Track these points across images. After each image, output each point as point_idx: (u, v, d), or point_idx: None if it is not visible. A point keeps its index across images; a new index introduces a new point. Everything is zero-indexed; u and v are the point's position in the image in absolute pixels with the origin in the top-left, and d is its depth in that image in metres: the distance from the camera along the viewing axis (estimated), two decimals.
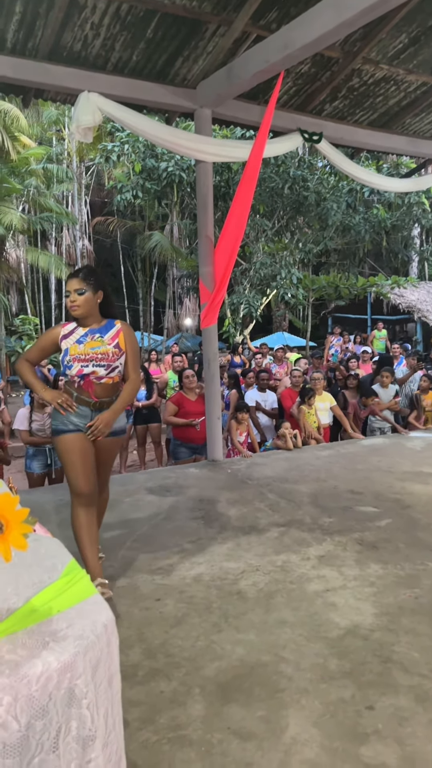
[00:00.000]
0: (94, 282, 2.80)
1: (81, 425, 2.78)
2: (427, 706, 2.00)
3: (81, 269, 2.88)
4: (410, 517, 3.87)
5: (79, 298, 2.76)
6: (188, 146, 4.91)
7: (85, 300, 2.77)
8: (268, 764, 1.74)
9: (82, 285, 2.76)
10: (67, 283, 2.82)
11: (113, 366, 2.81)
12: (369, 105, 6.06)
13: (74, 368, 2.77)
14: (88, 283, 2.77)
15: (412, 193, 13.46)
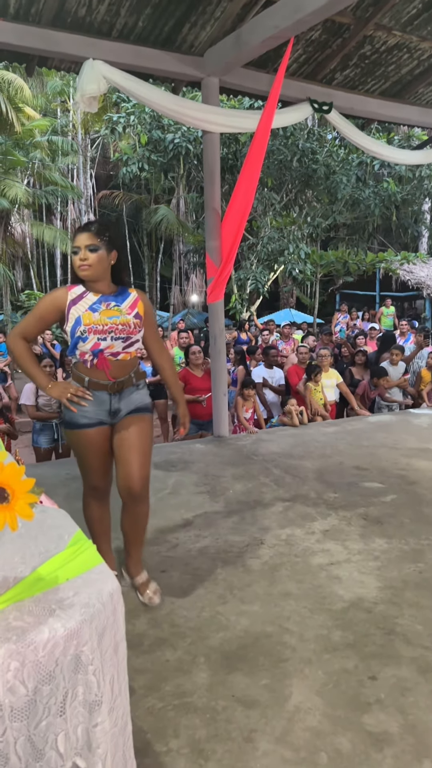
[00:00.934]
0: (109, 239, 2.35)
1: (99, 415, 2.40)
2: (429, 677, 2.03)
3: (93, 222, 2.43)
4: (415, 493, 3.88)
5: (91, 256, 2.30)
6: (195, 116, 4.81)
7: (98, 259, 2.31)
8: (271, 731, 1.77)
9: (95, 241, 2.31)
10: (76, 237, 2.37)
11: (133, 340, 2.39)
12: (381, 74, 5.89)
13: (89, 342, 2.31)
14: (101, 239, 2.32)
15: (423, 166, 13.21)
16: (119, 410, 2.43)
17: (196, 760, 1.66)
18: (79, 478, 2.67)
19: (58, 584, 1.10)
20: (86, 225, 2.38)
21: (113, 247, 2.38)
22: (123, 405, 2.43)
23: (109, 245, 2.35)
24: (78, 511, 2.80)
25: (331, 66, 5.57)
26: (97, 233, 2.32)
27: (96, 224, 2.39)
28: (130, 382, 2.43)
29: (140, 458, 2.41)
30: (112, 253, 2.38)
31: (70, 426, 2.44)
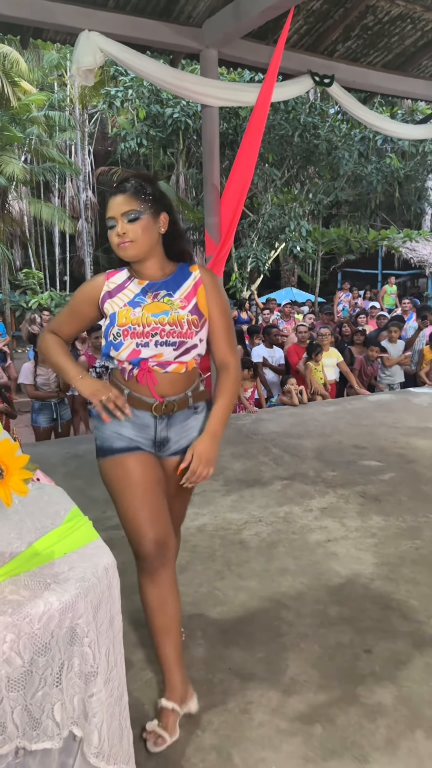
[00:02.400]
0: (154, 198, 1.66)
1: (139, 440, 1.72)
2: (423, 651, 2.06)
3: (128, 179, 1.69)
4: (414, 471, 3.90)
5: (131, 228, 1.63)
6: (193, 89, 4.72)
7: (143, 230, 1.64)
8: (267, 703, 1.80)
9: (135, 205, 1.63)
10: (109, 204, 1.67)
11: (188, 345, 1.69)
12: (384, 45, 5.77)
13: (125, 348, 1.67)
14: (143, 201, 1.64)
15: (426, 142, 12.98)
16: (167, 440, 1.74)
17: (193, 730, 1.70)
18: (80, 456, 2.67)
19: (54, 559, 1.11)
20: (119, 184, 1.69)
21: (161, 208, 1.69)
22: (173, 434, 1.74)
23: (156, 206, 1.67)
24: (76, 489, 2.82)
25: (333, 37, 5.45)
26: (136, 193, 1.64)
27: (132, 181, 1.67)
28: (185, 403, 1.73)
29: (183, 510, 1.91)
30: (161, 216, 1.69)
31: (102, 452, 1.73)
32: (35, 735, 0.95)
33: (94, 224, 20.34)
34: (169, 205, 1.74)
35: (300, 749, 1.63)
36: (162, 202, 1.71)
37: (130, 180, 1.69)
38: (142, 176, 1.72)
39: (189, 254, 1.82)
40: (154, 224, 1.68)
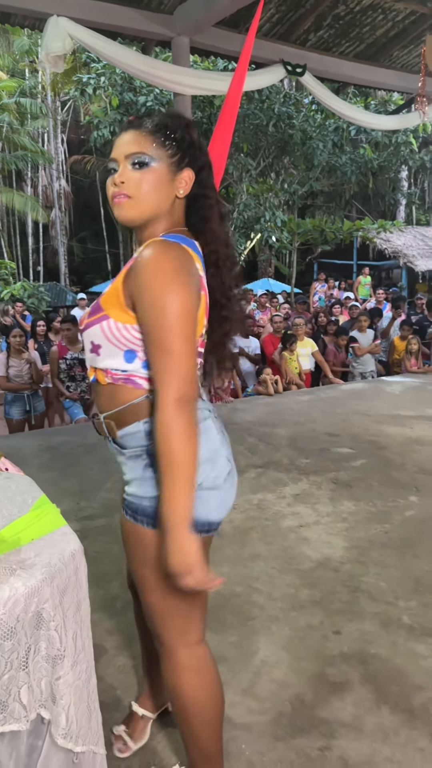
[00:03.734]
0: (179, 146, 1.21)
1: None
2: (390, 630, 2.12)
3: (149, 115, 1.25)
4: (384, 458, 3.97)
5: (133, 177, 1.19)
6: (165, 77, 4.69)
7: (150, 182, 1.19)
8: (238, 684, 1.84)
9: (148, 145, 1.19)
10: (115, 144, 1.23)
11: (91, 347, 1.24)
12: (355, 35, 5.80)
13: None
14: (160, 145, 1.19)
15: (399, 133, 13.11)
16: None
17: (164, 711, 1.72)
18: (54, 448, 2.65)
19: (20, 546, 1.12)
20: (136, 119, 1.25)
21: (186, 161, 1.22)
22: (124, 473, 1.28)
23: (178, 156, 1.20)
24: (49, 481, 2.81)
25: (305, 27, 5.46)
26: (154, 132, 1.20)
27: (156, 118, 1.23)
28: (111, 430, 1.24)
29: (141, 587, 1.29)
30: (183, 172, 1.21)
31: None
32: (2, 718, 0.96)
33: (68, 214, 20.09)
34: (200, 162, 1.23)
35: (270, 728, 1.67)
36: (190, 153, 1.22)
37: (153, 117, 1.24)
38: (172, 115, 1.25)
39: (217, 231, 1.26)
40: (169, 180, 1.20)
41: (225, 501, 1.24)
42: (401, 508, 3.14)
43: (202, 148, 1.27)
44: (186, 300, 1.11)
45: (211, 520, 1.22)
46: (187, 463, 1.09)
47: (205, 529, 1.21)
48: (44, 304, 13.01)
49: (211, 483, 1.20)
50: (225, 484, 1.23)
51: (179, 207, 1.26)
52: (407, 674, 1.89)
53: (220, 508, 1.23)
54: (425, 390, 6.11)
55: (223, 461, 1.24)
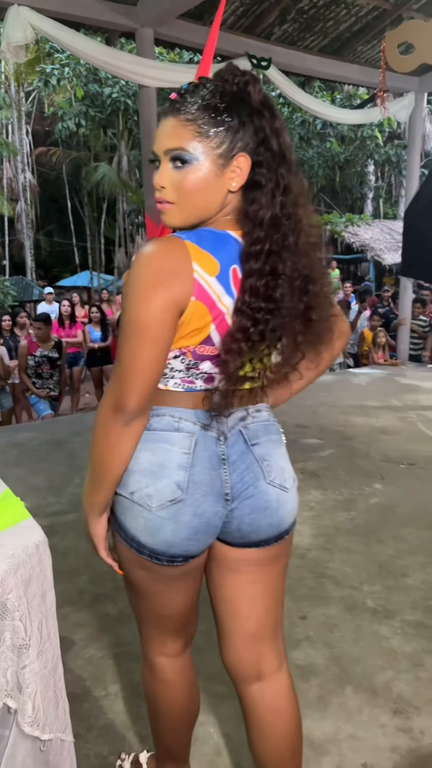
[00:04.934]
0: (229, 128, 0.99)
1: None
2: (354, 614, 2.18)
3: (200, 85, 1.01)
4: (351, 447, 4.05)
5: (176, 179, 1.02)
6: (129, 69, 4.66)
7: (195, 183, 1.01)
8: (206, 670, 1.86)
9: (190, 137, 0.99)
10: (157, 130, 1.05)
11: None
12: (319, 29, 5.85)
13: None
14: (204, 136, 0.99)
15: (365, 127, 13.27)
16: None
17: (134, 700, 1.75)
18: (21, 445, 2.64)
19: None
20: (179, 97, 1.02)
21: (237, 146, 1.00)
22: None
23: (225, 142, 1.00)
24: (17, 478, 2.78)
25: (269, 20, 5.48)
26: (196, 118, 0.99)
27: (198, 94, 1.00)
28: None
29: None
30: (234, 161, 1.01)
31: None
32: None
33: (34, 206, 19.75)
34: (259, 137, 1.01)
35: (236, 711, 1.70)
36: (244, 132, 1.00)
37: (202, 86, 1.01)
38: (221, 85, 1.00)
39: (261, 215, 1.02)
40: (216, 175, 1.01)
41: (157, 531, 1.07)
42: (366, 496, 3.22)
43: (263, 115, 1.01)
44: (142, 309, 0.97)
45: (139, 540, 1.09)
46: (100, 464, 1.08)
47: (135, 547, 1.10)
48: (10, 299, 12.79)
49: (141, 498, 1.07)
50: (161, 512, 1.06)
51: (233, 199, 1.05)
52: (370, 655, 1.95)
53: (150, 534, 1.08)
54: (391, 381, 6.24)
55: (169, 485, 1.06)
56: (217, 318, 1.03)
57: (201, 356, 1.06)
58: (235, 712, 1.70)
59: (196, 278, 1.00)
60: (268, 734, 1.21)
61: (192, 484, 1.07)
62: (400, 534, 2.79)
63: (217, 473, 1.09)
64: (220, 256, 1.02)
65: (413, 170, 7.17)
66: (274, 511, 1.13)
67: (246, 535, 1.14)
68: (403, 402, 5.31)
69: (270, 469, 1.14)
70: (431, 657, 1.94)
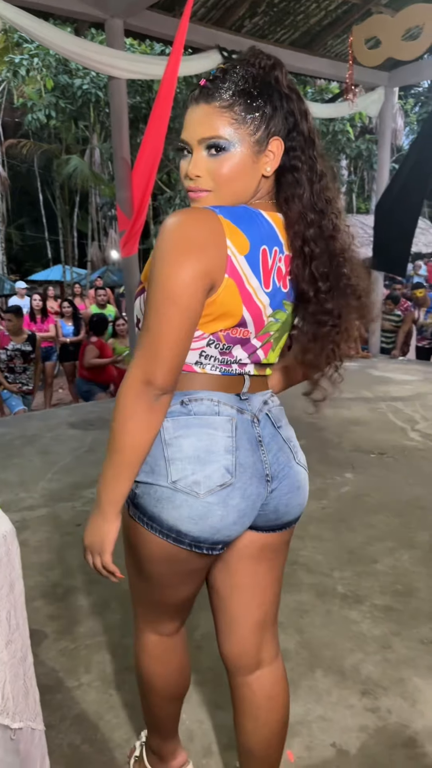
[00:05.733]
0: (263, 115, 1.00)
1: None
2: (325, 599, 2.22)
3: (229, 69, 1.00)
4: (323, 438, 4.11)
5: (212, 166, 1.01)
6: (99, 60, 4.61)
7: (232, 170, 1.01)
8: None
9: (226, 125, 0.99)
10: (186, 117, 1.04)
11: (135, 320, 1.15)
12: (290, 23, 5.87)
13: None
14: (241, 122, 0.99)
15: (337, 121, 13.35)
16: None
17: (106, 690, 1.76)
18: None
19: None
20: (209, 82, 1.00)
21: (271, 130, 1.01)
22: None
23: (261, 127, 1.00)
24: None
25: (240, 12, 5.48)
26: (232, 105, 0.99)
27: (230, 80, 0.99)
28: None
29: None
30: (269, 146, 1.02)
31: None
32: None
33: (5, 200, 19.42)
34: (291, 121, 1.03)
35: (210, 697, 1.74)
36: (278, 116, 1.01)
37: (231, 71, 1.00)
38: (252, 70, 1.00)
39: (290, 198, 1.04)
40: (253, 161, 1.01)
41: (205, 517, 1.03)
42: (337, 485, 3.28)
43: (291, 99, 1.02)
44: (175, 276, 0.93)
45: (180, 529, 1.04)
46: (128, 449, 0.99)
47: (172, 537, 1.04)
48: None
49: (187, 486, 1.02)
50: (210, 497, 1.02)
51: (266, 184, 1.06)
52: (340, 639, 1.99)
53: (194, 522, 1.03)
54: (362, 373, 6.33)
55: (218, 470, 1.03)
56: (246, 299, 1.01)
57: (234, 340, 1.05)
58: (206, 699, 1.73)
59: (230, 255, 0.97)
60: (263, 722, 1.21)
61: (239, 467, 1.05)
62: (370, 521, 2.85)
63: (257, 455, 1.09)
64: (251, 235, 1.00)
65: (384, 165, 7.26)
66: (303, 491, 1.17)
67: (281, 515, 1.14)
68: (374, 393, 5.40)
69: (296, 450, 1.17)
70: (399, 639, 1.99)
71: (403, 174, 6.47)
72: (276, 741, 1.25)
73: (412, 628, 2.05)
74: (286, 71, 1.02)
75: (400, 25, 5.07)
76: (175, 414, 1.04)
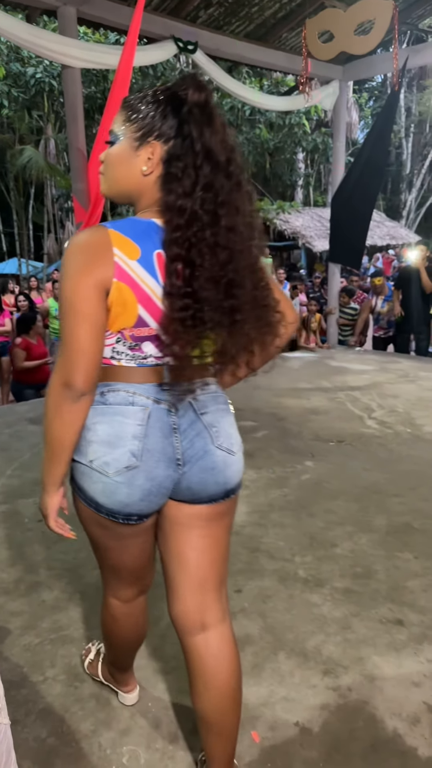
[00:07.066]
0: (143, 118, 1.16)
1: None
2: (287, 584, 2.27)
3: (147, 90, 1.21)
4: (284, 428, 4.17)
5: (106, 154, 1.22)
6: (52, 48, 4.51)
7: (113, 159, 1.20)
8: (144, 648, 1.90)
9: (119, 122, 1.19)
10: None
11: None
12: (245, 15, 5.86)
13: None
14: (126, 120, 1.18)
15: (293, 114, 13.44)
16: None
17: (72, 683, 1.76)
18: None
19: None
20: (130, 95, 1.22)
21: (150, 135, 1.15)
22: None
23: (141, 129, 1.15)
24: None
25: (194, 3, 5.45)
26: (122, 107, 1.19)
27: (145, 90, 1.21)
28: None
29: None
30: (147, 146, 1.15)
31: None
32: None
33: None
34: (180, 133, 1.12)
35: (175, 684, 1.76)
36: (164, 123, 1.14)
37: (146, 91, 1.19)
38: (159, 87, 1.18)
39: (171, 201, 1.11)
40: (130, 155, 1.16)
41: (114, 493, 1.18)
42: (298, 473, 3.34)
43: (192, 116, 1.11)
44: (73, 290, 1.09)
45: (97, 501, 1.20)
46: (54, 440, 1.16)
47: (93, 506, 1.22)
48: None
49: (100, 466, 1.18)
50: (117, 477, 1.17)
51: (151, 185, 1.17)
52: (302, 622, 2.04)
53: (107, 496, 1.19)
54: (321, 364, 6.44)
55: (125, 453, 1.16)
56: (143, 299, 1.13)
57: (140, 338, 1.16)
58: (172, 686, 1.75)
59: (117, 261, 1.11)
60: (211, 684, 1.30)
61: (146, 452, 1.18)
62: (329, 507, 2.91)
63: (169, 441, 1.20)
64: (141, 242, 1.13)
65: (339, 158, 7.36)
66: (221, 471, 1.25)
67: (196, 493, 1.25)
68: (333, 383, 5.50)
69: (218, 434, 1.25)
70: (358, 620, 2.06)
71: (357, 168, 6.59)
72: (227, 706, 1.32)
73: (371, 608, 2.12)
74: (206, 94, 1.11)
75: (352, 20, 5.14)
76: (95, 403, 1.19)
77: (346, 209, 6.69)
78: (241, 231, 1.15)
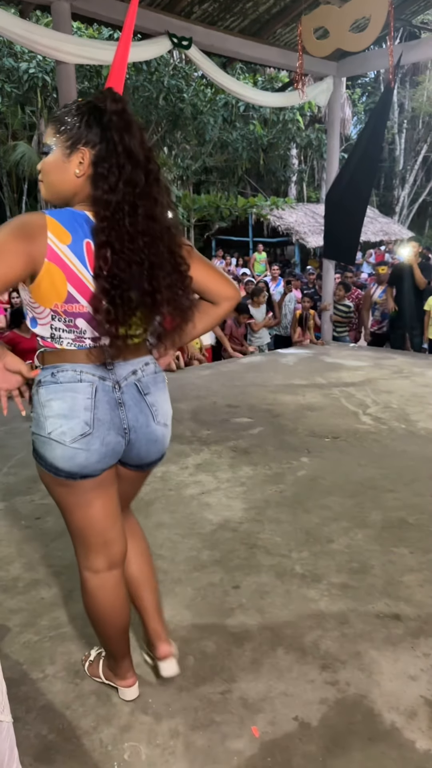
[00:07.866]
0: (71, 128, 1.33)
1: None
2: (285, 580, 2.29)
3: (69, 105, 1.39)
4: (279, 425, 4.19)
5: (43, 162, 1.40)
6: (45, 44, 4.49)
7: (49, 166, 1.38)
8: (143, 646, 1.91)
9: (50, 135, 1.37)
10: None
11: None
12: (239, 10, 5.85)
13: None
14: (56, 132, 1.35)
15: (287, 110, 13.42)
16: None
17: (72, 680, 1.77)
18: None
19: None
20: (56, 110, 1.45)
21: (79, 142, 1.32)
22: None
23: (72, 138, 1.33)
24: None
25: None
26: (54, 121, 1.37)
27: (65, 107, 1.38)
28: None
29: None
30: (78, 152, 1.33)
31: None
32: None
33: None
34: (104, 139, 1.30)
35: (175, 681, 1.77)
36: (90, 131, 1.31)
37: (69, 105, 1.37)
38: (84, 101, 1.37)
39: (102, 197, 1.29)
40: (63, 162, 1.34)
41: (73, 458, 1.38)
42: (294, 469, 3.35)
43: (112, 124, 1.30)
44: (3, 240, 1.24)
45: (57, 466, 1.40)
46: None
47: (53, 471, 1.41)
48: None
49: (58, 436, 1.36)
50: (74, 444, 1.37)
51: (83, 185, 1.35)
52: (300, 617, 2.06)
53: (66, 461, 1.39)
54: (316, 360, 6.46)
55: (79, 423, 1.37)
56: (71, 278, 1.30)
57: (72, 314, 1.33)
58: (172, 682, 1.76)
59: (50, 244, 1.27)
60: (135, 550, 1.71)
61: (97, 421, 1.38)
62: (325, 503, 2.93)
63: (116, 413, 1.42)
64: (73, 230, 1.30)
65: (333, 154, 7.36)
66: (161, 443, 1.54)
67: (143, 458, 1.53)
68: (328, 380, 5.52)
69: (158, 412, 1.50)
70: (355, 615, 2.07)
71: (351, 164, 6.59)
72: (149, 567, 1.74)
73: (367, 603, 2.14)
74: (123, 105, 1.31)
75: (348, 16, 5.14)
76: (47, 383, 1.37)
77: (340, 205, 6.70)
78: (159, 219, 1.34)
